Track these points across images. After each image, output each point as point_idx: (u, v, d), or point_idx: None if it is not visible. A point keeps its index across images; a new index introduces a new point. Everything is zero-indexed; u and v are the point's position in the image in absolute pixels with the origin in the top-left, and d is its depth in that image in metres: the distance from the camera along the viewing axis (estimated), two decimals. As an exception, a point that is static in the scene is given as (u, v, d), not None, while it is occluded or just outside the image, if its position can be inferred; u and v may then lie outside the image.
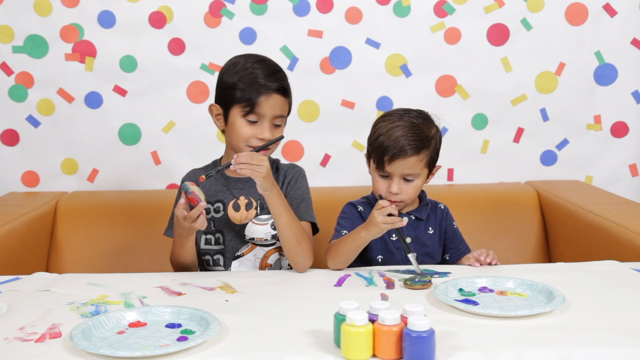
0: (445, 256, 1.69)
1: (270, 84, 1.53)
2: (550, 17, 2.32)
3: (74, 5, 2.26)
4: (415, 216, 1.63)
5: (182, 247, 1.54)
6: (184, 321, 1.13)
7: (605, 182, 2.42)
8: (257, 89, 1.52)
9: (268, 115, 1.53)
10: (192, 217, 1.41)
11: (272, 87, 1.53)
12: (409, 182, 1.55)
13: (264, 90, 1.52)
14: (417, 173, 1.54)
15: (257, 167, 1.41)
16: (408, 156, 1.52)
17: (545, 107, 2.38)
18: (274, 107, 1.54)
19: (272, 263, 1.62)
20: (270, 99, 1.53)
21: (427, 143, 1.55)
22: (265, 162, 1.42)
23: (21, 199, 2.24)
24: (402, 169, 1.53)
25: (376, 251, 1.62)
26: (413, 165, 1.53)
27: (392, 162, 1.52)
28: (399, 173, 1.53)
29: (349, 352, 0.97)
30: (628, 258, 1.59)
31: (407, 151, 1.51)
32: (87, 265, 2.05)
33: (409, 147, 1.51)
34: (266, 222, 1.60)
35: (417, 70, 2.34)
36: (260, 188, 1.45)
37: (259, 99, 1.52)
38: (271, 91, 1.53)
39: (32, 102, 2.31)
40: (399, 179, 1.54)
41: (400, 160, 1.52)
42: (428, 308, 1.20)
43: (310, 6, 2.30)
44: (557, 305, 1.16)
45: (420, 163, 1.54)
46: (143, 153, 2.36)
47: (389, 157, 1.52)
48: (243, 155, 1.43)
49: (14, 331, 1.10)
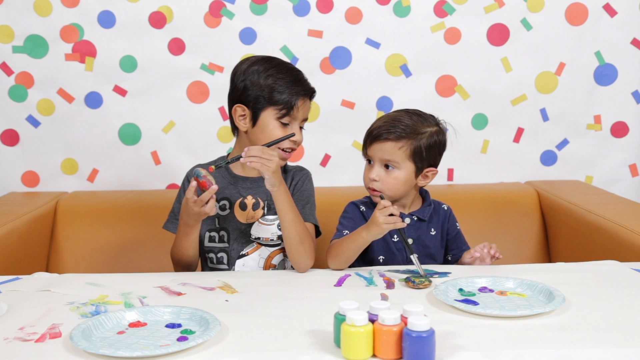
0: (447, 257, 1.69)
1: (307, 88, 1.59)
2: (550, 17, 2.33)
3: (74, 5, 2.26)
4: (417, 217, 1.63)
5: (186, 237, 1.53)
6: (184, 321, 1.13)
7: (605, 182, 2.42)
8: (296, 92, 1.56)
9: (300, 118, 1.58)
10: (203, 200, 1.41)
11: (309, 91, 1.60)
12: (389, 171, 1.56)
13: (302, 93, 1.57)
14: (395, 161, 1.55)
15: (267, 162, 1.42)
16: (384, 140, 1.55)
17: (545, 107, 2.38)
18: (307, 110, 1.60)
19: (277, 264, 1.62)
20: (306, 102, 1.59)
21: (411, 135, 1.55)
22: (275, 157, 1.44)
23: (21, 199, 2.24)
24: (380, 153, 1.56)
25: (377, 252, 1.62)
26: (390, 151, 1.54)
27: (372, 144, 1.57)
28: (378, 157, 1.56)
29: (349, 352, 0.97)
30: (628, 258, 1.59)
31: (383, 134, 1.55)
32: (87, 265, 2.05)
33: (386, 132, 1.55)
34: (273, 222, 1.60)
35: (417, 70, 2.35)
36: (268, 183, 1.46)
37: (298, 102, 1.56)
38: (307, 95, 1.59)
39: (32, 102, 2.31)
40: (379, 165, 1.57)
41: (378, 143, 1.55)
42: (428, 308, 1.20)
43: (310, 6, 2.30)
44: (557, 305, 1.16)
45: (398, 151, 1.54)
46: (143, 153, 2.36)
47: (370, 140, 1.57)
48: (254, 148, 1.44)
49: (14, 331, 1.10)
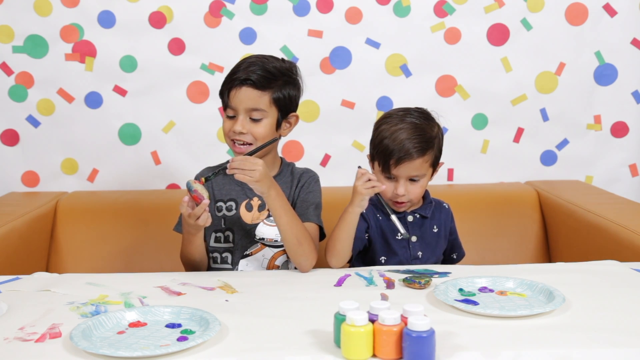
0: (452, 255, 1.70)
1: (241, 76, 1.54)
2: (550, 17, 2.32)
3: (74, 5, 2.26)
4: (420, 214, 1.64)
5: (190, 244, 1.55)
6: (184, 321, 1.13)
7: (605, 182, 2.42)
8: (228, 82, 1.56)
9: (240, 108, 1.54)
10: (196, 214, 1.41)
11: (240, 79, 1.54)
12: (415, 182, 1.56)
13: (234, 83, 1.54)
14: (422, 174, 1.56)
15: (249, 172, 1.41)
16: (414, 159, 1.53)
17: (545, 107, 2.38)
18: (244, 99, 1.54)
19: (280, 265, 1.62)
20: (239, 91, 1.54)
21: (431, 143, 1.56)
22: (259, 165, 1.42)
23: (21, 199, 2.24)
24: (408, 171, 1.54)
25: (379, 252, 1.62)
26: (419, 167, 1.54)
27: (399, 165, 1.53)
28: (405, 175, 1.54)
29: (349, 352, 0.97)
30: (628, 258, 1.59)
31: (412, 154, 1.52)
32: (87, 265, 2.04)
33: (415, 150, 1.52)
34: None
35: (417, 70, 2.35)
36: (256, 191, 1.46)
37: (230, 92, 1.55)
38: (241, 84, 1.54)
39: (32, 102, 2.31)
40: (404, 180, 1.55)
41: (406, 163, 1.53)
42: (428, 308, 1.20)
43: (310, 6, 2.30)
44: (557, 305, 1.16)
45: (425, 164, 1.56)
46: (143, 153, 2.36)
47: (394, 161, 1.53)
48: (237, 159, 1.43)
49: (14, 331, 1.10)
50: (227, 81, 1.57)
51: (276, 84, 1.56)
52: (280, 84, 1.57)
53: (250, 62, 1.57)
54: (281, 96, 1.57)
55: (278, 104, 1.57)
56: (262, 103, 1.55)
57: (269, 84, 1.55)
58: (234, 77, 1.55)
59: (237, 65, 1.59)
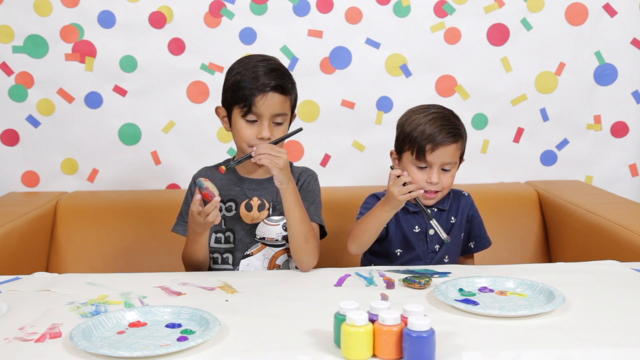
0: (470, 244, 1.71)
1: (267, 82, 1.53)
2: (550, 17, 2.33)
3: (74, 5, 2.26)
4: (438, 207, 1.65)
5: (195, 244, 1.55)
6: (184, 321, 1.13)
7: (605, 182, 2.42)
8: (255, 88, 1.52)
9: (266, 114, 1.53)
10: (206, 212, 1.42)
11: (269, 85, 1.52)
12: (446, 172, 1.58)
13: (261, 89, 1.52)
14: (454, 162, 1.59)
15: (275, 158, 1.43)
16: (449, 143, 1.56)
17: (545, 107, 2.38)
18: (272, 105, 1.54)
19: (281, 264, 1.62)
20: (266, 97, 1.52)
21: (463, 132, 1.60)
22: (284, 154, 1.45)
23: (21, 199, 2.24)
24: (443, 157, 1.56)
25: (395, 245, 1.63)
26: (453, 154, 1.57)
27: (435, 150, 1.55)
28: (440, 162, 1.56)
29: (349, 352, 0.97)
30: (628, 258, 1.59)
31: (448, 139, 1.55)
32: (87, 265, 2.04)
33: (450, 135, 1.56)
34: (278, 223, 1.60)
35: (417, 70, 2.35)
36: (277, 180, 1.47)
37: (255, 98, 1.52)
38: (268, 90, 1.52)
39: (32, 102, 2.31)
40: (438, 168, 1.57)
41: (442, 148, 1.55)
42: (428, 308, 1.20)
43: (310, 6, 2.30)
44: (557, 305, 1.16)
45: (457, 152, 1.59)
46: (143, 153, 2.36)
47: (431, 146, 1.55)
48: (263, 146, 1.45)
49: (14, 331, 1.10)
50: (249, 87, 1.52)
51: (294, 87, 1.60)
52: (294, 86, 1.61)
53: (270, 67, 1.55)
54: (295, 98, 1.62)
55: (292, 106, 1.61)
56: (285, 107, 1.57)
57: (292, 87, 1.58)
58: (260, 83, 1.52)
59: (249, 69, 1.54)
